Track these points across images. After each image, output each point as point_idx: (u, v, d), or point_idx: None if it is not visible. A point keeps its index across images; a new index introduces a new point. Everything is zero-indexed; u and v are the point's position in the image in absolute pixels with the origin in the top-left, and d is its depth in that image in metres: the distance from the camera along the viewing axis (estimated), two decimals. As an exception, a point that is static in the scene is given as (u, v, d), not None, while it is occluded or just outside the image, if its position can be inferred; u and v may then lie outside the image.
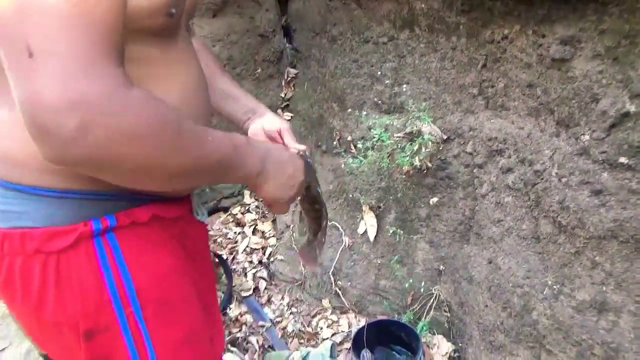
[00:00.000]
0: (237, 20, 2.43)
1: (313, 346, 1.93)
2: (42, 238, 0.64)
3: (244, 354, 1.97)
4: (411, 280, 1.88)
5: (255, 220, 2.57)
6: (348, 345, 1.88)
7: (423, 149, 1.85)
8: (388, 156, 1.98)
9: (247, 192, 2.76)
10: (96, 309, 0.67)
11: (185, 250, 0.81)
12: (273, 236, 2.45)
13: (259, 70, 2.62)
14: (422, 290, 1.86)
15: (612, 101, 1.26)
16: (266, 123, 0.98)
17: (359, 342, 1.68)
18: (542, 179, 1.48)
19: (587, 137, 1.34)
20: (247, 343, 2.01)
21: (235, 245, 2.54)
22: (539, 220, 1.49)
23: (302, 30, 2.66)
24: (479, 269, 1.68)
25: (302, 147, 0.97)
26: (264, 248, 2.41)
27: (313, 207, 1.00)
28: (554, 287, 1.39)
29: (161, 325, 0.72)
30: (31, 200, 0.63)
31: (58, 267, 0.65)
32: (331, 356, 1.69)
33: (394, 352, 1.78)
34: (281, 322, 2.14)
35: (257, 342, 1.99)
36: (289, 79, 2.77)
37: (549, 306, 1.39)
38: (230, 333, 2.05)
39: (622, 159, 1.23)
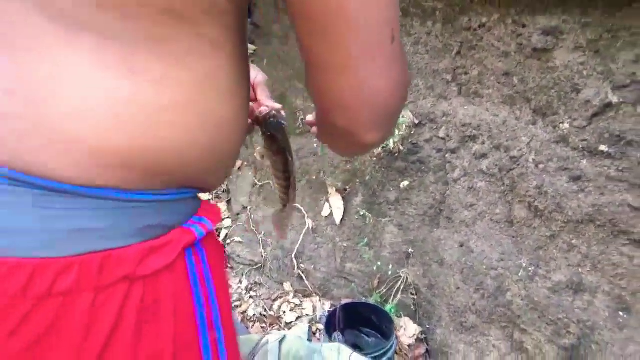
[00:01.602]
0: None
1: (277, 330, 1.88)
2: (136, 259, 0.46)
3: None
4: (379, 263, 1.88)
5: (208, 200, 2.45)
6: (314, 328, 1.85)
7: (396, 132, 1.84)
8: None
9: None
10: (185, 344, 0.51)
11: None
12: (228, 217, 2.35)
13: (217, 44, 2.48)
14: (389, 273, 1.86)
15: (596, 92, 1.31)
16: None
17: (330, 324, 1.66)
18: (519, 164, 1.53)
19: (566, 125, 1.40)
20: (205, 329, 1.91)
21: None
22: (513, 205, 1.54)
23: (263, 6, 2.55)
24: (451, 252, 1.71)
25: (278, 105, 0.89)
26: (218, 230, 2.31)
27: (283, 174, 0.94)
28: (529, 269, 1.44)
29: (233, 355, 0.60)
30: (121, 209, 0.46)
31: (143, 298, 0.47)
32: (308, 339, 1.65)
33: (362, 335, 1.77)
34: (240, 306, 2.06)
35: (217, 327, 1.90)
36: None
37: (524, 287, 1.44)
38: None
39: (603, 147, 1.30)
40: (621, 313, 1.25)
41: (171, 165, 0.48)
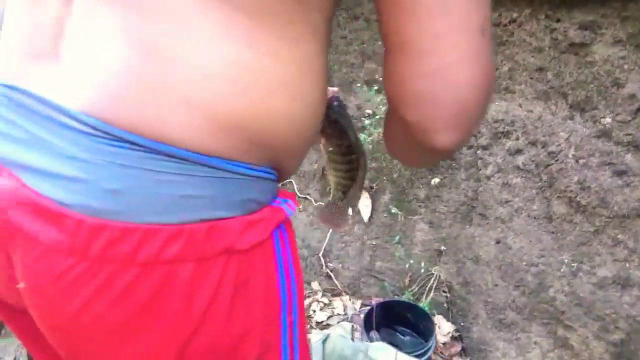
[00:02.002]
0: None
1: (309, 329, 1.87)
2: (237, 231, 0.46)
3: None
4: (411, 261, 1.87)
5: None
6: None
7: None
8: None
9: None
10: (267, 326, 0.51)
11: None
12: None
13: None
14: (421, 271, 1.86)
15: (639, 86, 1.31)
16: None
17: (367, 323, 1.65)
18: (557, 160, 1.52)
19: (608, 119, 1.39)
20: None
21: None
22: (551, 200, 1.54)
23: None
24: (487, 248, 1.70)
25: (334, 89, 0.89)
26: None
27: (346, 159, 0.92)
28: (572, 264, 1.44)
29: (304, 345, 0.58)
30: (227, 179, 0.46)
31: (239, 272, 0.47)
32: (351, 338, 1.65)
33: (397, 333, 1.77)
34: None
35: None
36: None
37: (567, 283, 1.44)
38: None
39: (649, 142, 1.29)
40: (671, 307, 1.25)
41: (273, 138, 0.49)
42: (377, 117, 1.97)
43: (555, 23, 1.56)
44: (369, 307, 1.76)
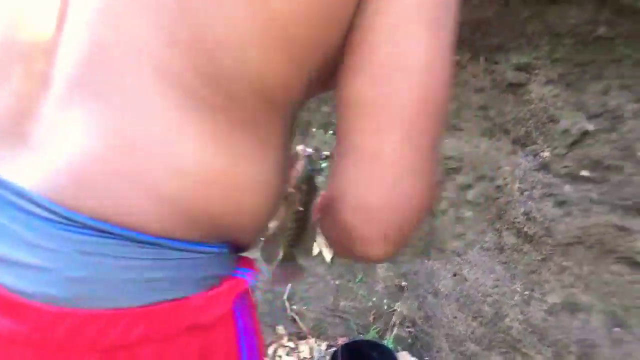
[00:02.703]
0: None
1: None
2: (199, 308, 0.46)
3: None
4: (373, 299, 1.89)
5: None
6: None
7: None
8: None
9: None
10: None
11: None
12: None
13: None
14: (384, 307, 1.88)
15: (572, 121, 1.41)
16: None
17: (333, 365, 1.65)
18: (504, 193, 1.60)
19: (547, 153, 1.48)
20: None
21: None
22: (501, 232, 1.60)
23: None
24: (445, 282, 1.74)
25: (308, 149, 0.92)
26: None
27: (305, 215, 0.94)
28: (524, 293, 1.49)
29: None
30: (186, 260, 0.46)
31: (202, 346, 0.47)
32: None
33: (363, 373, 1.76)
34: (233, 354, 2.01)
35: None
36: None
37: (521, 311, 1.49)
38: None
39: (584, 172, 1.38)
40: (616, 329, 1.30)
41: (238, 230, 0.50)
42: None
43: (494, 65, 1.68)
44: (334, 349, 1.76)
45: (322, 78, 0.49)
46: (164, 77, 0.42)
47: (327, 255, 2.05)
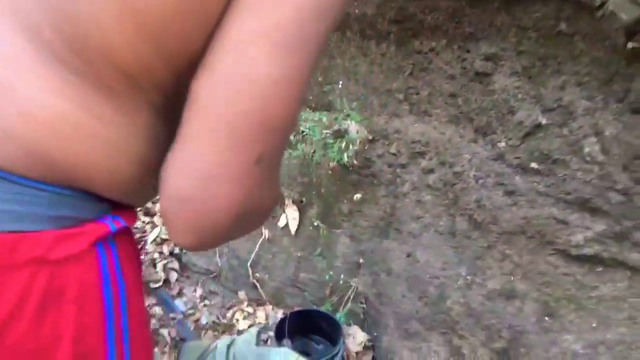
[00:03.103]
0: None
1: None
2: (48, 243, 0.48)
3: (154, 347, 1.88)
4: (331, 273, 1.94)
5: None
6: (265, 336, 1.89)
7: (350, 147, 1.93)
8: (313, 152, 2.03)
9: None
10: (88, 330, 0.54)
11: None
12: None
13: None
14: (340, 282, 1.93)
15: (528, 114, 1.43)
16: None
17: (280, 331, 1.70)
18: (461, 180, 1.63)
19: (503, 144, 1.51)
20: (157, 335, 1.92)
21: (143, 235, 2.42)
22: (455, 217, 1.64)
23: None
24: (398, 262, 1.79)
25: None
26: None
27: None
28: (468, 277, 1.53)
29: (139, 352, 0.61)
30: (40, 197, 0.49)
31: (50, 281, 0.49)
32: (256, 343, 1.69)
33: (312, 342, 1.82)
34: (194, 314, 2.08)
35: (169, 334, 1.91)
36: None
37: (463, 295, 1.53)
38: (139, 325, 1.94)
39: (533, 164, 1.41)
40: (546, 318, 1.35)
41: (86, 178, 0.52)
42: (304, 133, 2.05)
43: (466, 53, 1.69)
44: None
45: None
46: (22, 25, 0.45)
47: (293, 226, 2.10)
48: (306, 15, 0.43)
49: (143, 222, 2.47)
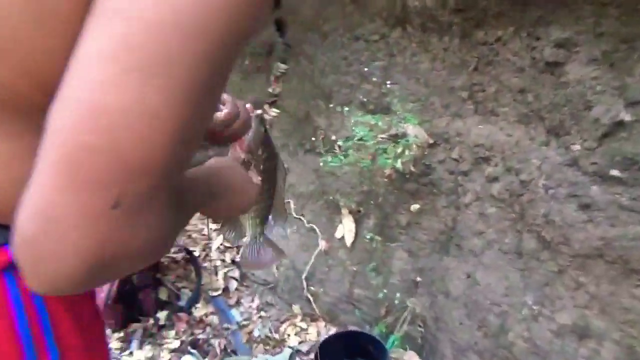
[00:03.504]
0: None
1: (278, 354, 1.82)
2: None
3: (204, 357, 1.86)
4: (385, 291, 1.77)
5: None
6: (312, 355, 1.77)
7: (407, 152, 1.74)
8: (370, 158, 1.88)
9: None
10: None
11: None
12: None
13: (247, 63, 2.52)
14: (396, 302, 1.75)
15: (606, 109, 1.16)
16: None
17: (324, 352, 1.58)
18: (528, 189, 1.38)
19: (577, 146, 1.25)
20: (208, 345, 1.89)
21: (209, 242, 2.43)
22: (522, 234, 1.39)
23: (294, 25, 2.57)
24: (457, 283, 1.57)
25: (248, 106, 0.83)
26: (238, 247, 2.30)
27: (270, 182, 0.87)
28: (534, 307, 1.28)
29: None
30: None
31: None
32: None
33: (360, 366, 1.67)
34: (248, 325, 2.03)
35: (219, 345, 1.88)
36: (278, 74, 2.67)
37: (527, 328, 1.29)
38: (192, 334, 1.93)
39: (614, 172, 1.14)
40: (632, 366, 1.07)
41: None
42: (377, 140, 1.89)
43: (535, 41, 1.44)
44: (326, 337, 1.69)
45: None
46: None
47: (349, 238, 1.96)
48: (169, 33, 0.36)
49: (210, 229, 2.49)
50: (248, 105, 0.81)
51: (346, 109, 2.08)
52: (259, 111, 0.81)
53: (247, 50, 2.53)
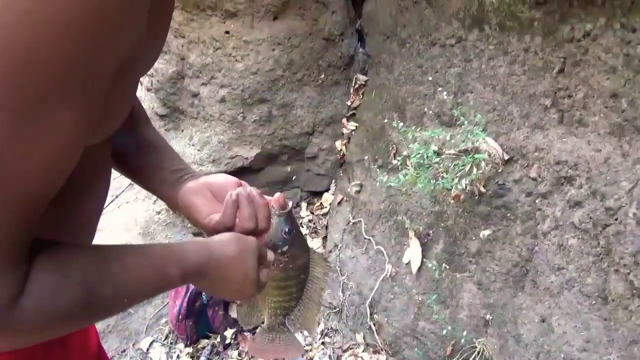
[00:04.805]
0: (299, 22, 2.28)
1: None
2: None
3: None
4: (450, 327, 1.55)
5: (305, 235, 2.40)
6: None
7: (478, 170, 1.52)
8: (440, 176, 1.68)
9: (303, 204, 2.60)
10: None
11: None
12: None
13: (323, 76, 2.45)
14: (462, 340, 1.52)
15: None
16: (214, 178, 0.75)
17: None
18: (616, 219, 1.10)
19: (679, 166, 0.96)
20: (268, 370, 1.83)
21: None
22: (608, 274, 1.11)
23: (373, 34, 2.45)
24: (530, 326, 1.31)
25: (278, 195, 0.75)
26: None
27: (299, 274, 0.79)
28: (617, 370, 1.01)
29: None
30: None
31: None
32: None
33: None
34: (310, 351, 1.93)
35: (278, 370, 1.80)
36: (357, 86, 2.56)
37: (608, 396, 1.01)
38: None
39: None
40: None
41: None
42: (444, 156, 1.70)
43: (630, 33, 1.16)
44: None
45: None
46: None
47: (415, 264, 1.78)
48: None
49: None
50: (276, 197, 0.73)
51: (419, 121, 1.91)
52: (287, 208, 0.73)
53: (324, 64, 2.45)
